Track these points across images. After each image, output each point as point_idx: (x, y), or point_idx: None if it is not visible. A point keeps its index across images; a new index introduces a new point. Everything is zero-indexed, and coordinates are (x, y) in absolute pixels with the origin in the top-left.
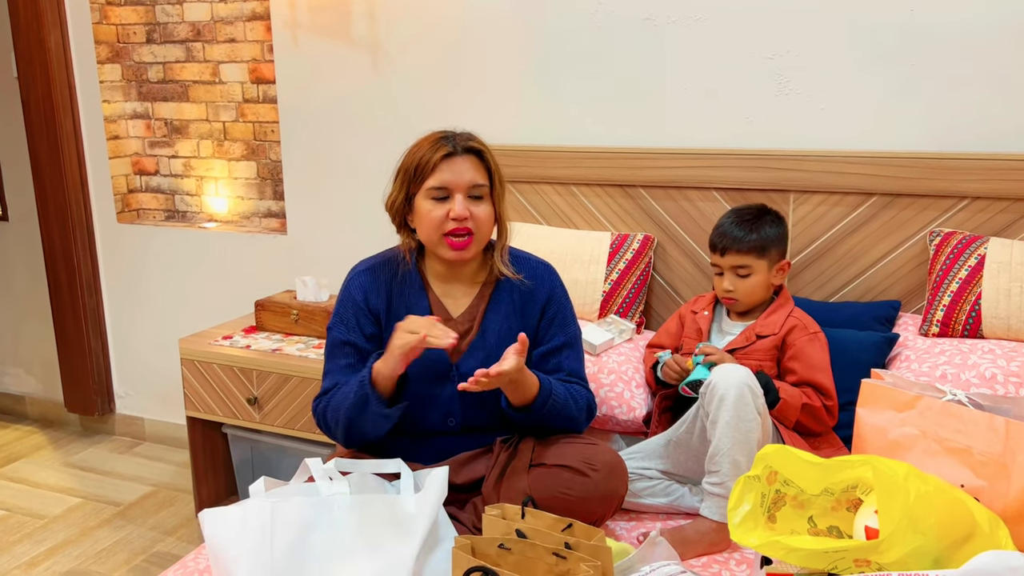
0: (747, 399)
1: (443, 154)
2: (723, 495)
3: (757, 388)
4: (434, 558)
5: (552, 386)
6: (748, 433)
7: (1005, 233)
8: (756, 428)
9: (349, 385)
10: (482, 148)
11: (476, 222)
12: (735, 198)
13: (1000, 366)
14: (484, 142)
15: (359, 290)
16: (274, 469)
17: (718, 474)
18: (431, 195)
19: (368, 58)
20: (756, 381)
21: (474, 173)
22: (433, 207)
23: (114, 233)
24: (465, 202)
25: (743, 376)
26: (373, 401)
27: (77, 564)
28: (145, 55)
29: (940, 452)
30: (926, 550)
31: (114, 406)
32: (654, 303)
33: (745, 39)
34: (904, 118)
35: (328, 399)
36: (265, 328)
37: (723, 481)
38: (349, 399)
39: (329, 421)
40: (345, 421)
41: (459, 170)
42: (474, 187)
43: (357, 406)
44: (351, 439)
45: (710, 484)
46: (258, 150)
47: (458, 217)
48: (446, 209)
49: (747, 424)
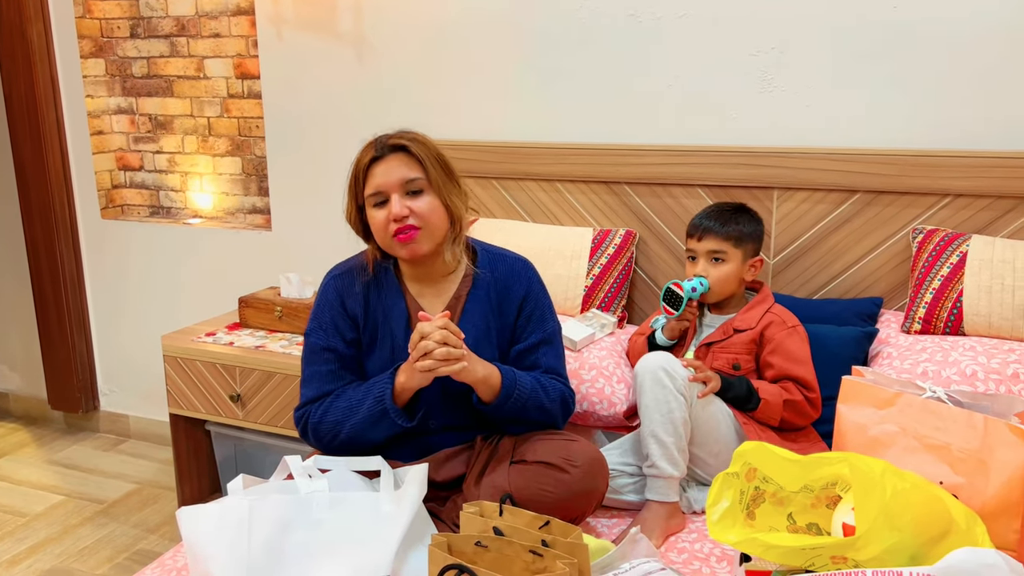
0: (663, 380)
1: (370, 158)
2: (659, 475)
3: (675, 371)
4: (414, 555)
5: (516, 377)
6: (669, 412)
7: (987, 230)
8: (677, 408)
9: (351, 399)
10: (407, 142)
11: (419, 216)
12: (719, 195)
13: (981, 363)
14: (415, 134)
15: (335, 294)
16: (258, 466)
17: (649, 456)
18: (371, 202)
19: (353, 53)
20: (675, 364)
21: (404, 169)
22: (376, 213)
23: (98, 229)
24: (402, 200)
25: (659, 360)
26: (394, 415)
27: (59, 562)
28: (129, 50)
29: (919, 449)
30: (902, 547)
31: (98, 403)
32: (636, 298)
33: (729, 36)
34: (887, 115)
35: (321, 412)
36: (249, 325)
37: (653, 461)
38: (360, 414)
39: (322, 434)
40: (350, 433)
41: (388, 170)
42: (407, 183)
43: (370, 420)
44: (349, 449)
45: (645, 467)
46: (243, 146)
47: (396, 217)
48: (387, 212)
49: (666, 404)
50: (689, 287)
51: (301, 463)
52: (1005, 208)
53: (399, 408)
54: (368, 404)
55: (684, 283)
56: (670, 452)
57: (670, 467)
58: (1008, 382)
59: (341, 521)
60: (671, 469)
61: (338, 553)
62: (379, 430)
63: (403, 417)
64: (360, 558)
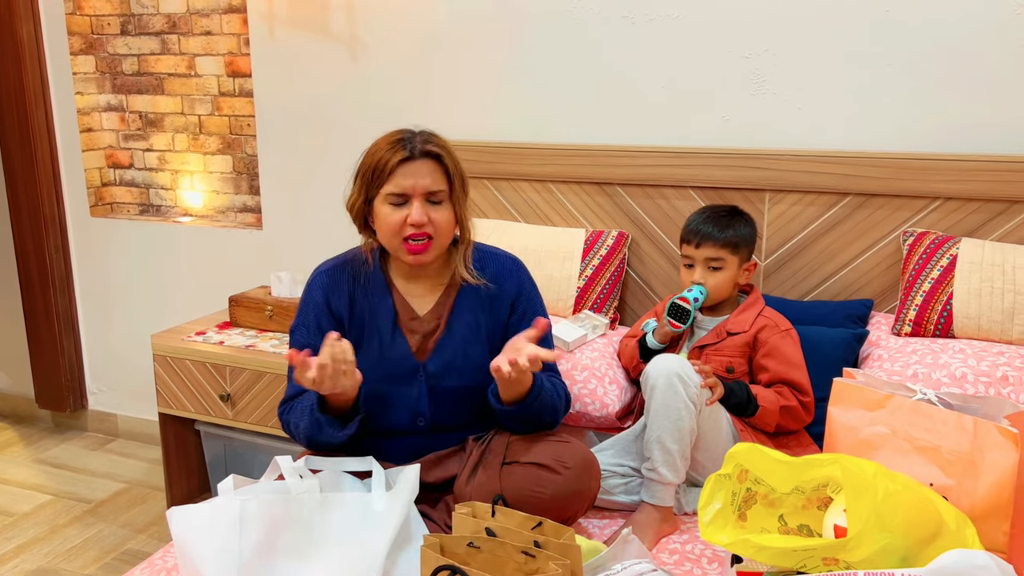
0: (676, 387)
1: (400, 158)
2: (659, 480)
3: (689, 377)
4: (405, 556)
5: (542, 380)
6: (678, 420)
7: (977, 233)
8: (687, 416)
9: (304, 403)
10: (441, 151)
11: (435, 227)
12: (711, 196)
13: (971, 366)
14: (444, 142)
15: (320, 292)
16: (247, 466)
17: (651, 460)
18: (389, 200)
19: (346, 52)
20: (689, 370)
21: (432, 178)
22: (391, 212)
23: (87, 227)
24: (423, 208)
25: (674, 365)
26: (325, 425)
27: (46, 562)
28: (119, 47)
29: (910, 451)
30: (893, 548)
31: (87, 402)
32: (629, 299)
33: (722, 38)
34: (879, 119)
35: (288, 411)
36: (239, 324)
37: (655, 467)
38: (304, 419)
39: (292, 430)
40: (306, 436)
41: (417, 175)
42: (432, 193)
43: (312, 427)
44: (316, 449)
45: (646, 470)
46: (234, 144)
47: (416, 223)
48: (404, 214)
49: (676, 412)
50: (692, 298)
51: (292, 463)
52: (995, 211)
53: (329, 417)
54: (307, 412)
55: (687, 295)
56: (673, 459)
57: (671, 474)
58: (997, 384)
59: (332, 522)
60: (671, 476)
61: (329, 554)
62: (327, 435)
63: (334, 425)
64: (351, 559)
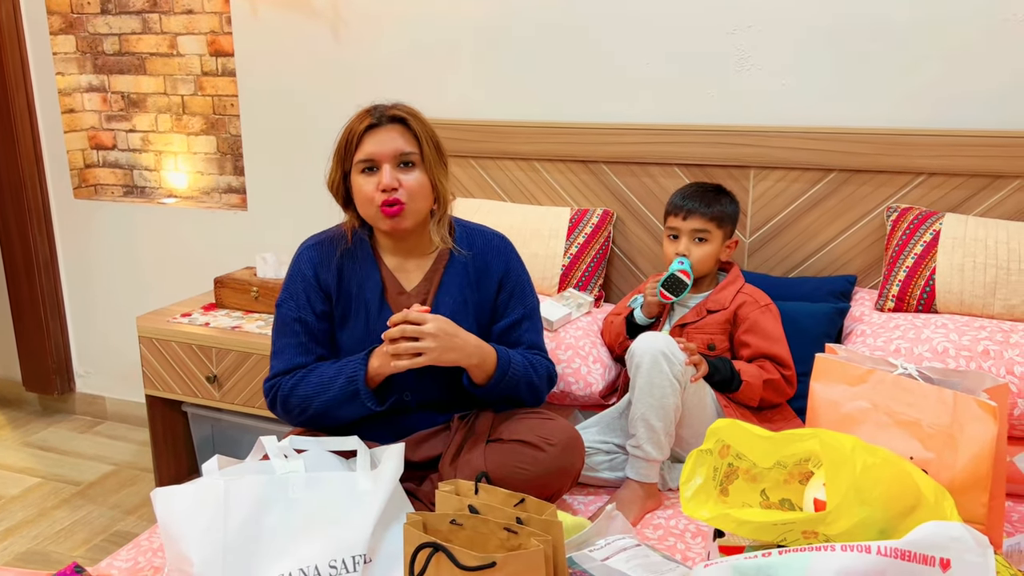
0: (661, 365)
1: (367, 125)
2: (643, 457)
3: (674, 355)
4: (390, 534)
5: (510, 357)
6: (663, 399)
7: (960, 209)
8: (672, 394)
9: (324, 375)
10: (406, 115)
11: (407, 191)
12: (696, 174)
13: (952, 340)
14: (413, 109)
15: (308, 265)
16: (235, 447)
17: (635, 437)
18: (361, 168)
19: (329, 30)
20: (674, 348)
21: (400, 141)
22: (365, 181)
23: (71, 209)
24: (393, 171)
25: (660, 344)
26: (365, 398)
27: (35, 544)
28: (100, 26)
29: (891, 425)
30: (872, 521)
31: (74, 385)
32: (614, 277)
33: (706, 13)
34: (863, 94)
35: (291, 385)
36: (225, 305)
37: (640, 444)
38: (331, 392)
39: (291, 407)
40: (319, 410)
41: (384, 140)
42: (401, 155)
43: (341, 399)
44: (319, 424)
45: (630, 447)
46: (217, 124)
47: (386, 187)
48: (376, 181)
49: (661, 390)
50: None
51: (277, 443)
52: (978, 187)
53: (370, 391)
54: (340, 383)
55: (685, 267)
56: (657, 437)
57: (655, 451)
58: (979, 359)
59: (317, 501)
60: (656, 453)
61: (314, 532)
62: (349, 410)
63: (373, 400)
64: (336, 537)
